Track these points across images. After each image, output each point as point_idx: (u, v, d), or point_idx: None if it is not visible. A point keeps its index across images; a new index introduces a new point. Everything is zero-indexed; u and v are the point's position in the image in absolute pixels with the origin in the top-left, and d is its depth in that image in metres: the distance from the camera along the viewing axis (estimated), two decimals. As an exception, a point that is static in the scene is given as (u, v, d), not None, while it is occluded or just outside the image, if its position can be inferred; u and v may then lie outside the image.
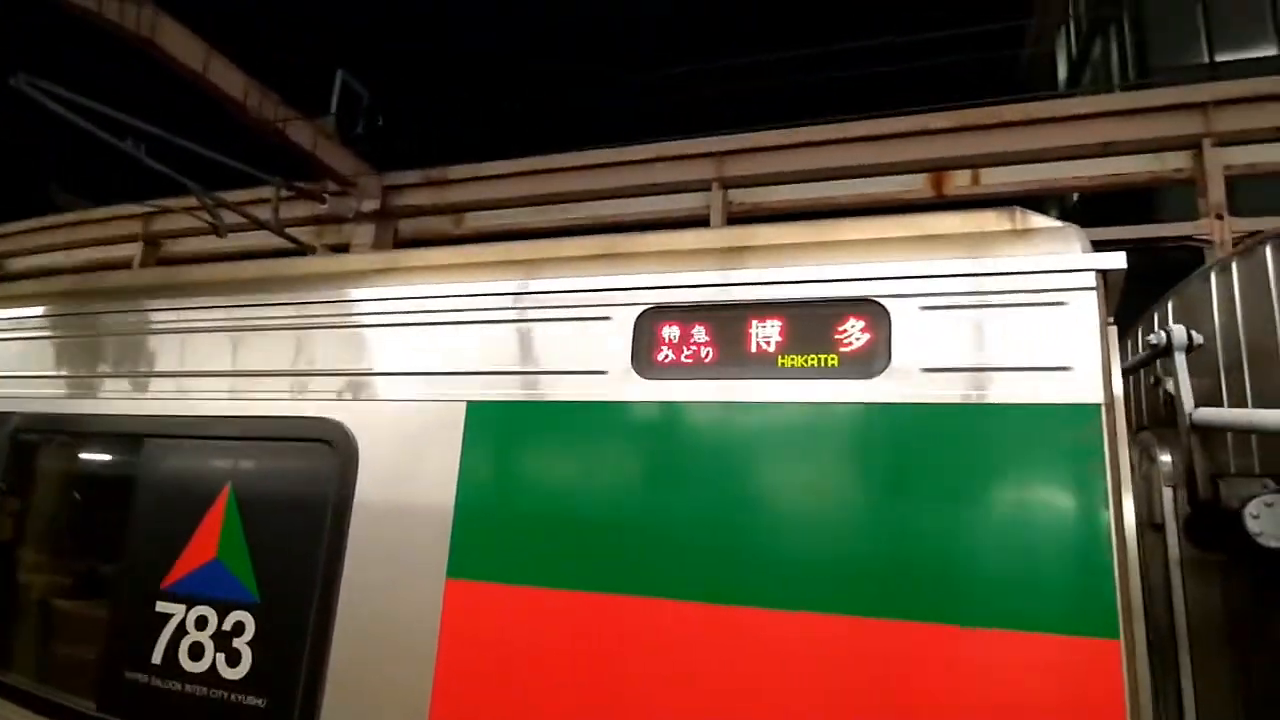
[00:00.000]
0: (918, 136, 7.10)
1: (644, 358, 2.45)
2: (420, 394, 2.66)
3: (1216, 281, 2.85)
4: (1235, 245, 5.80)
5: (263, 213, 7.31)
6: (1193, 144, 6.52)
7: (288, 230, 7.45)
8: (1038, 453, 2.08)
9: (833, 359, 2.30)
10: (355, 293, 2.90)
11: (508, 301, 2.65)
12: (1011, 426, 2.10)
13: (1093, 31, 15.44)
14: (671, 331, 2.46)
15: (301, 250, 7.69)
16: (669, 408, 2.40)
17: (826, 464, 2.26)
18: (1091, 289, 2.12)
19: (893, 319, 2.25)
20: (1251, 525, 2.27)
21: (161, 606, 2.81)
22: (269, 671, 2.61)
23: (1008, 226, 2.38)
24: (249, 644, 2.65)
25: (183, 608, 2.78)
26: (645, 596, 2.30)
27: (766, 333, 2.38)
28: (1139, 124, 6.66)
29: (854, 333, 2.29)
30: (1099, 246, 2.23)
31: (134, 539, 2.97)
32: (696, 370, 2.40)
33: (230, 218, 7.17)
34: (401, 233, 8.50)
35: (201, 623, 2.73)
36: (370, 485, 2.64)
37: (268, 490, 2.82)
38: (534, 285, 2.64)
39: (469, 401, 2.59)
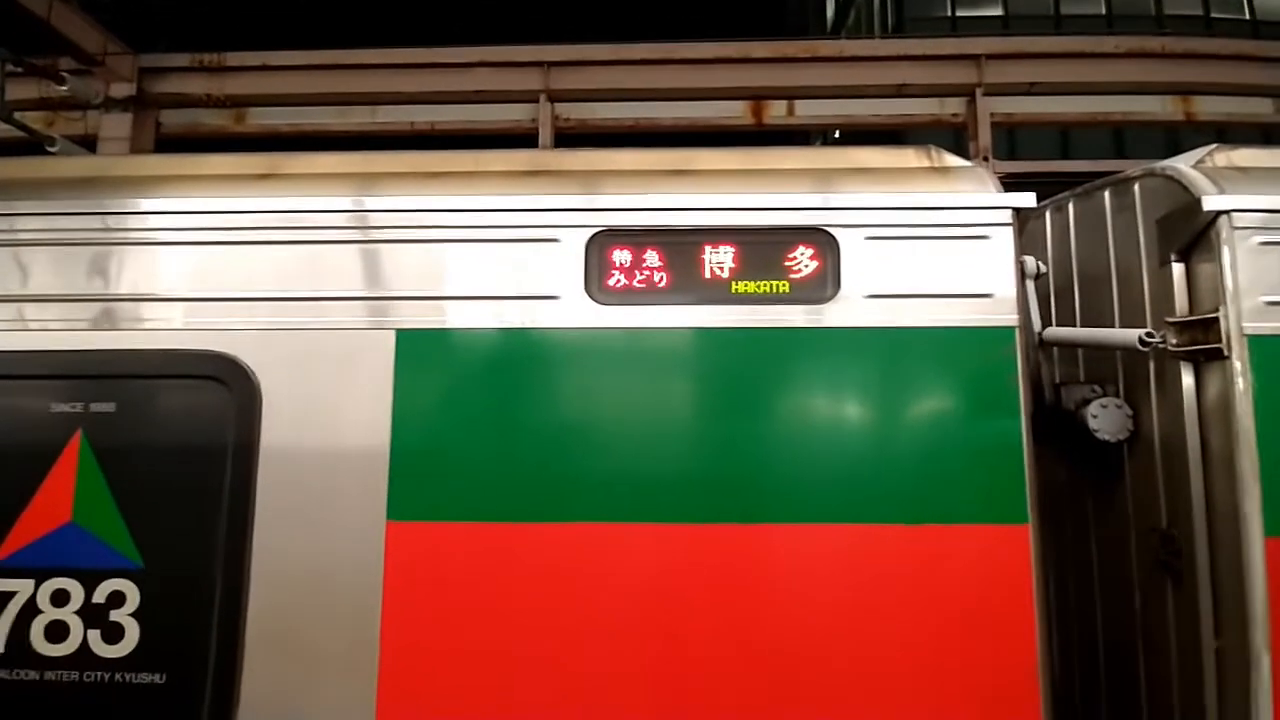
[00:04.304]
0: (739, 64, 7.31)
1: (596, 282, 2.37)
2: (337, 322, 2.36)
3: (1052, 219, 3.33)
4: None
5: (-22, 91, 5.80)
6: (968, 92, 7.41)
7: (16, 116, 5.99)
8: (966, 369, 2.35)
9: (784, 285, 2.39)
10: (246, 203, 2.45)
11: (441, 220, 2.40)
12: (944, 347, 2.36)
13: (860, -24, 16.73)
14: (623, 255, 2.40)
15: (36, 140, 6.26)
16: (624, 333, 2.37)
17: (781, 389, 2.38)
18: (1009, 225, 2.40)
19: (841, 248, 2.38)
20: (1092, 423, 2.76)
21: None
22: (164, 643, 2.25)
23: (926, 164, 2.59)
24: (133, 615, 2.26)
25: (29, 583, 2.29)
26: (605, 522, 2.30)
27: (720, 259, 2.41)
28: (927, 69, 7.40)
29: (804, 260, 2.40)
30: None
31: None
32: (651, 295, 2.38)
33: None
34: (165, 126, 7.22)
35: (60, 598, 2.27)
36: (279, 426, 2.32)
37: (137, 438, 2.36)
38: (470, 202, 2.41)
39: (399, 330, 2.34)
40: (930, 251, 2.39)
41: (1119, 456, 2.82)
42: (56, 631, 2.27)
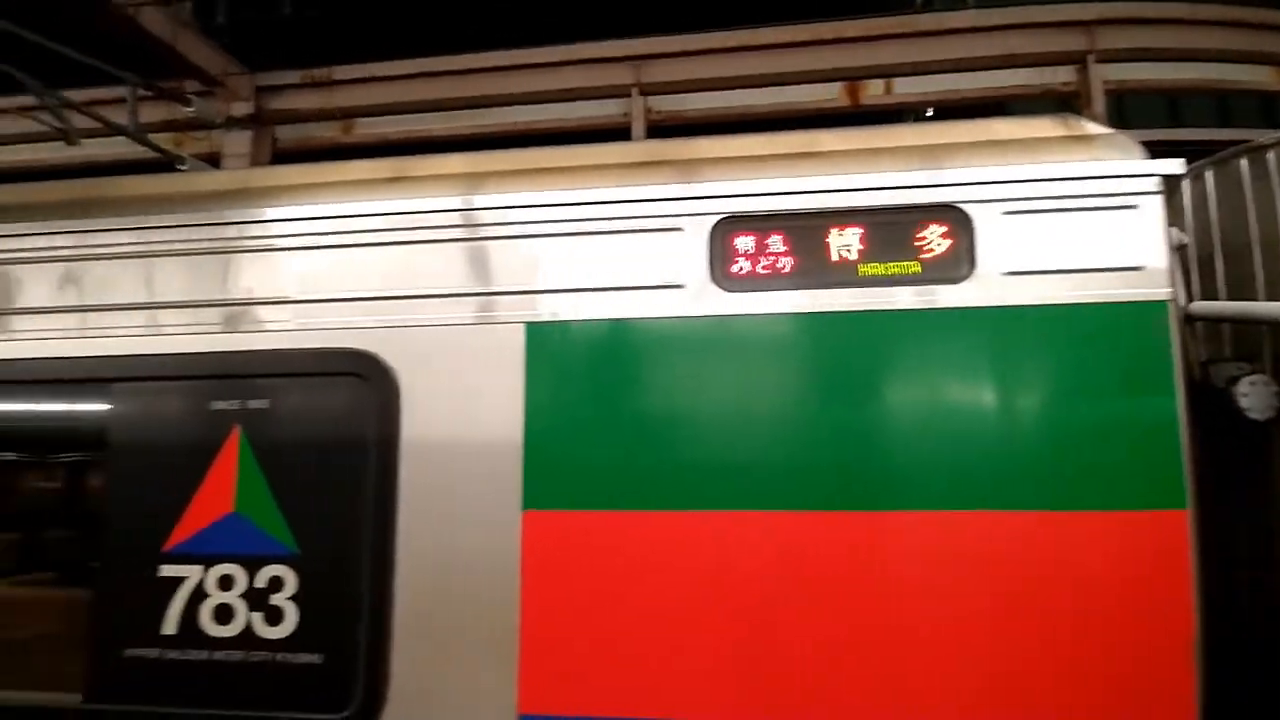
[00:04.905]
0: (834, 44, 7.14)
1: (721, 269, 2.36)
2: (469, 317, 2.43)
3: (1190, 188, 3.10)
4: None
5: (117, 116, 6.26)
6: (1079, 59, 7.00)
7: (149, 137, 6.45)
8: (1116, 346, 2.22)
9: (914, 266, 2.32)
10: (380, 205, 2.55)
11: (565, 214, 2.44)
12: (1091, 324, 2.23)
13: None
14: (747, 242, 2.37)
15: (168, 160, 6.72)
16: (750, 319, 2.35)
17: (914, 372, 2.31)
18: (1158, 193, 2.25)
19: (976, 224, 2.28)
20: (1242, 402, 2.56)
21: (168, 570, 2.47)
22: (320, 626, 2.39)
23: (1064, 132, 2.46)
24: (291, 599, 2.40)
25: (198, 569, 2.46)
26: (740, 510, 2.29)
27: (846, 241, 2.35)
28: (1033, 38, 7.04)
29: (935, 239, 2.31)
30: None
31: (116, 501, 2.56)
32: (776, 281, 2.35)
33: (70, 124, 6.08)
34: (281, 141, 7.62)
35: (226, 582, 2.44)
36: (417, 419, 2.41)
37: (289, 432, 2.50)
38: (593, 195, 2.44)
39: (528, 323, 2.39)
40: (1073, 224, 2.27)
41: (1266, 436, 2.62)
42: (223, 614, 2.44)
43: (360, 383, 2.46)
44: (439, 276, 2.48)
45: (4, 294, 2.82)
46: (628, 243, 2.42)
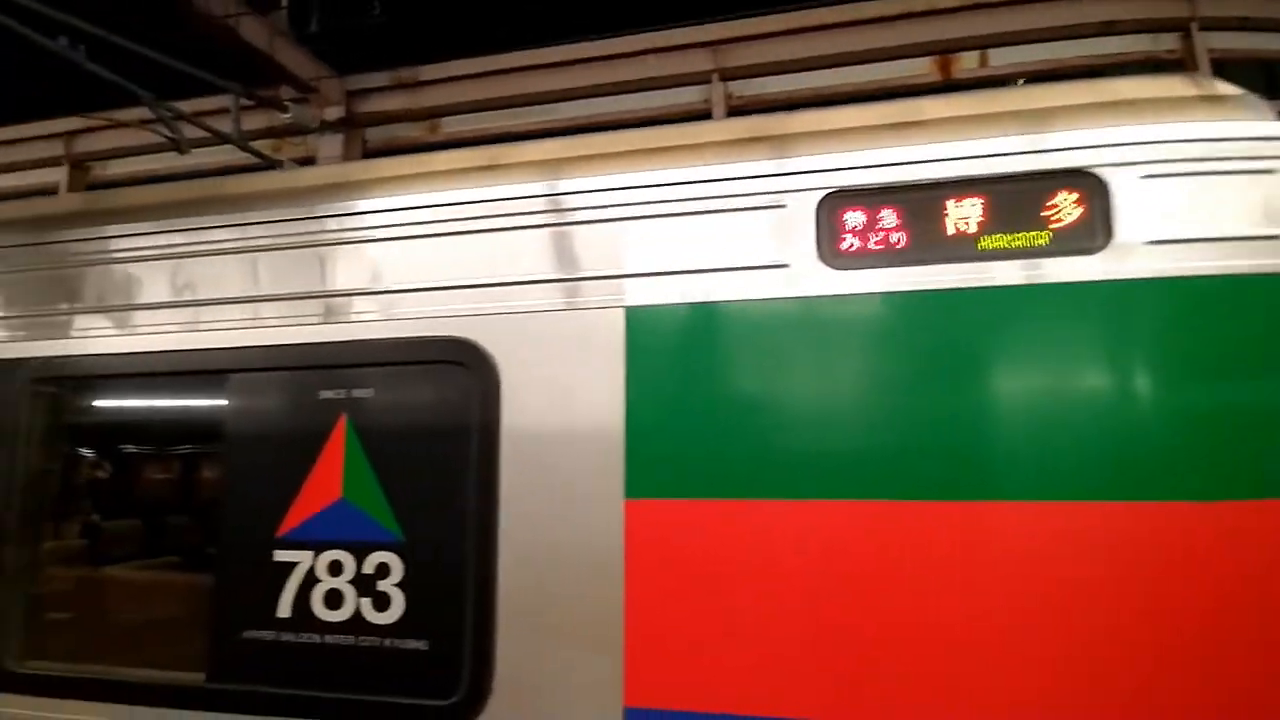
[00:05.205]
0: (925, 17, 6.83)
1: (828, 247, 2.25)
2: (568, 303, 2.40)
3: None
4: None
5: (221, 125, 6.57)
6: (1182, 26, 6.53)
7: (251, 144, 6.74)
8: (1273, 320, 2.01)
9: (1042, 237, 2.15)
10: (475, 193, 2.55)
11: (664, 194, 2.38)
12: (1245, 296, 2.02)
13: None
14: (857, 217, 2.25)
15: (269, 166, 7.00)
16: (861, 299, 2.22)
17: (1042, 351, 2.14)
18: None
19: (1112, 190, 2.10)
20: None
21: (281, 556, 2.54)
22: (426, 613, 2.40)
23: (1195, 92, 2.24)
24: (398, 585, 2.43)
25: (309, 554, 2.52)
26: (849, 499, 2.17)
27: (965, 213, 2.20)
28: (1136, 4, 6.61)
29: (1066, 207, 2.14)
30: None
31: (232, 489, 2.66)
32: (889, 257, 2.22)
33: (181, 134, 6.40)
34: (371, 142, 7.84)
35: (335, 568, 2.49)
36: (518, 406, 2.39)
37: (392, 420, 2.53)
38: (692, 174, 2.37)
39: (628, 307, 2.34)
40: (1221, 189, 2.06)
41: None
42: (333, 599, 2.48)
43: (461, 370, 2.46)
44: (537, 262, 2.45)
45: (125, 291, 2.96)
46: (728, 223, 2.34)
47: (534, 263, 2.46)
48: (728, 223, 2.34)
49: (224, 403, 2.73)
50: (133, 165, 7.82)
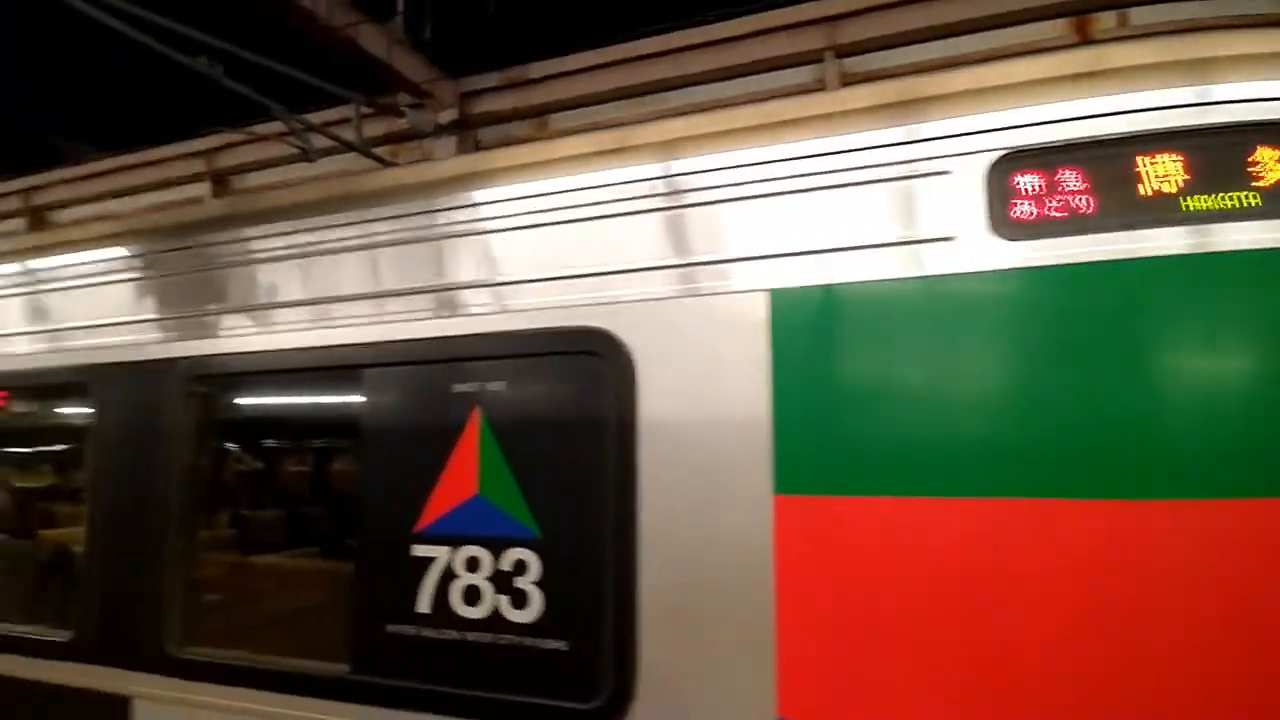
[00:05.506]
0: (1059, -26, 6.29)
1: (1000, 215, 2.02)
2: (705, 287, 2.27)
3: None
4: None
5: (345, 134, 6.83)
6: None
7: (373, 151, 6.97)
8: None
9: (1252, 198, 1.85)
10: (603, 176, 2.47)
11: (807, 167, 2.21)
12: None
13: None
14: (1033, 181, 2.01)
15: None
16: (1041, 273, 1.98)
17: (1261, 327, 1.85)
18: None
19: None
20: None
21: (419, 551, 2.54)
22: (565, 612, 2.34)
23: None
24: (536, 583, 2.37)
25: (446, 550, 2.50)
26: (1023, 498, 1.94)
27: (1162, 171, 1.92)
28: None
29: (1268, 164, 1.84)
30: None
31: (369, 483, 2.69)
32: (1072, 224, 1.97)
33: (310, 144, 6.69)
34: (483, 143, 7.96)
35: (473, 564, 2.46)
36: (655, 397, 2.28)
37: (526, 414, 2.49)
38: (837, 144, 2.18)
39: (773, 290, 2.18)
40: None
41: None
42: (471, 595, 2.46)
43: (595, 360, 2.38)
44: (671, 246, 2.34)
45: (266, 290, 3.06)
46: (881, 194, 2.15)
47: (668, 246, 2.34)
48: (881, 195, 2.15)
49: (361, 397, 2.77)
50: (265, 177, 8.26)
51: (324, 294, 2.90)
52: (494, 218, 2.59)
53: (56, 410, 4.10)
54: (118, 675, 3.13)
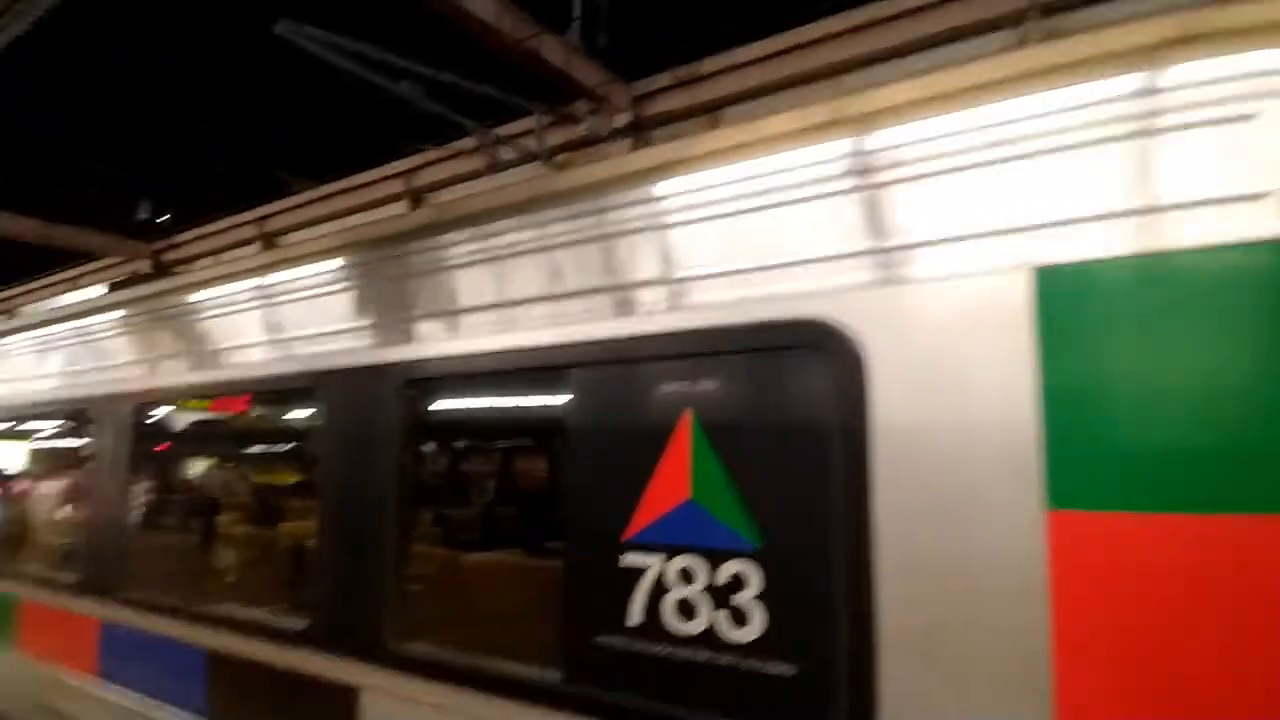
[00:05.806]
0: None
1: None
2: (948, 269, 2.00)
3: None
4: None
5: (528, 144, 7.06)
6: None
7: (555, 159, 7.15)
8: None
9: None
10: (817, 152, 2.26)
11: (1065, 121, 1.89)
12: None
13: None
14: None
15: (569, 178, 7.40)
16: None
17: None
18: None
19: None
20: None
21: (629, 560, 2.45)
22: (792, 632, 2.15)
23: None
24: (757, 599, 2.20)
25: (658, 559, 2.40)
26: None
27: None
28: None
29: None
30: None
31: (576, 486, 2.65)
32: None
33: (497, 157, 6.98)
34: (657, 144, 7.97)
35: (687, 575, 2.33)
36: (891, 396, 2.04)
37: (740, 414, 2.33)
38: (1100, 91, 1.84)
39: (1038, 267, 1.88)
40: None
41: None
42: (686, 609, 2.33)
43: (816, 356, 2.17)
44: (905, 224, 2.09)
45: (471, 293, 3.12)
46: (1163, 146, 1.78)
47: (901, 224, 2.09)
48: (1163, 146, 1.78)
49: (566, 398, 2.73)
50: (455, 191, 8.76)
51: (524, 295, 2.91)
52: (699, 205, 2.46)
53: (293, 414, 4.49)
54: (346, 665, 3.31)
